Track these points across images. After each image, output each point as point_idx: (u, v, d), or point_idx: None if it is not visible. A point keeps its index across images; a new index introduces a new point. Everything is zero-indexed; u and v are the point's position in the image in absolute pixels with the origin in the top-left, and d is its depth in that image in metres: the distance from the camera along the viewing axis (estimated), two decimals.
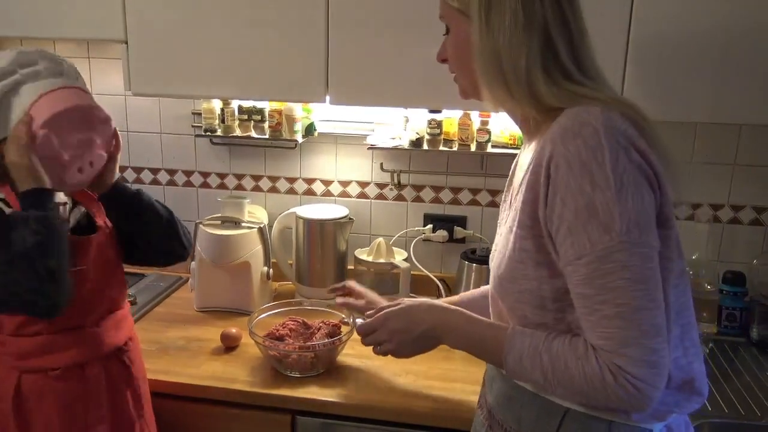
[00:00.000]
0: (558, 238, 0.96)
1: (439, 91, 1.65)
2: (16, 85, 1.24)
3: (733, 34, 1.49)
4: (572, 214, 0.93)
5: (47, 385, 1.34)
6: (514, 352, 1.02)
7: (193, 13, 1.69)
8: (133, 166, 2.29)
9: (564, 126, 0.95)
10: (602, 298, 0.92)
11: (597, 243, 0.91)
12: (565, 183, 0.93)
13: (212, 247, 1.97)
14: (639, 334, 0.92)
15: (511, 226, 1.04)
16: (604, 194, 0.91)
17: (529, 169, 1.00)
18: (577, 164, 0.92)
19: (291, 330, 1.71)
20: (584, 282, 0.93)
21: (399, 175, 2.13)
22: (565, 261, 0.96)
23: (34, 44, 2.09)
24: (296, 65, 1.68)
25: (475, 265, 1.98)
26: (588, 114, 0.94)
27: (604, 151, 0.91)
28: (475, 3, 1.01)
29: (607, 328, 0.92)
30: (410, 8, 1.60)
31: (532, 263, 1.01)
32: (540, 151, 0.98)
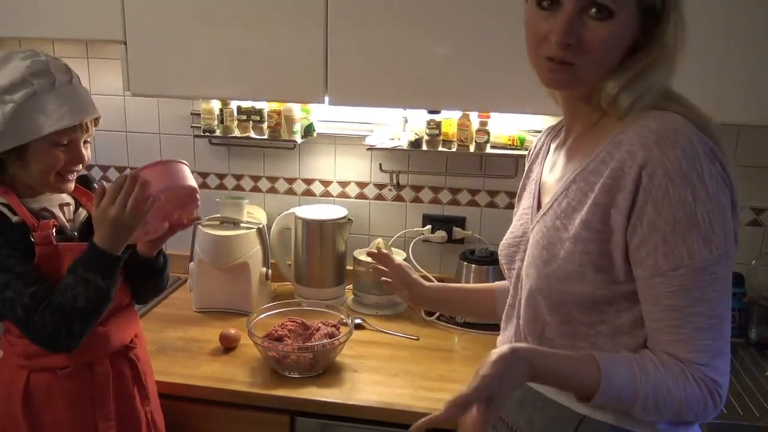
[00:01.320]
0: (644, 247, 0.93)
1: (438, 92, 1.66)
2: (33, 95, 1.25)
3: (733, 35, 1.49)
4: (670, 225, 0.90)
5: (56, 383, 1.35)
6: (613, 387, 0.92)
7: (191, 14, 1.69)
8: (132, 166, 2.28)
9: (656, 131, 0.92)
10: (696, 310, 0.91)
11: (696, 255, 0.90)
12: (663, 192, 0.90)
13: (211, 247, 1.97)
14: (723, 344, 0.93)
15: (565, 224, 1.00)
16: (705, 206, 0.89)
17: (603, 171, 0.96)
18: (678, 174, 0.89)
19: (290, 331, 1.71)
20: (678, 293, 0.92)
21: (398, 176, 2.13)
22: (653, 271, 0.93)
23: (33, 44, 2.09)
24: (295, 66, 1.68)
25: (474, 265, 1.98)
26: (674, 122, 0.92)
27: (702, 161, 0.90)
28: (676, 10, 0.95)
29: (701, 340, 0.92)
30: (410, 10, 1.60)
31: (592, 267, 0.97)
32: (624, 153, 0.94)
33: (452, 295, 1.40)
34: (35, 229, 1.30)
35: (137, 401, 1.45)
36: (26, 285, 1.26)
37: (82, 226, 1.41)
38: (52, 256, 1.30)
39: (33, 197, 1.36)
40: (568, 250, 0.99)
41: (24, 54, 1.29)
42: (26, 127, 1.25)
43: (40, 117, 1.25)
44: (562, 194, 1.03)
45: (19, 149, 1.27)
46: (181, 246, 2.23)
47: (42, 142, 1.27)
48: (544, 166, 1.15)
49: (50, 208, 1.37)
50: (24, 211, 1.30)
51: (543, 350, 0.99)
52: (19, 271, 1.26)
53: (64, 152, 1.30)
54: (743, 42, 1.49)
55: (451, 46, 1.61)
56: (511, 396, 1.08)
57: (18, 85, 1.25)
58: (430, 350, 1.82)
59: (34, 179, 1.32)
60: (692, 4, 1.46)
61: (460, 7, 1.58)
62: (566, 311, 1.03)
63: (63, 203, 1.40)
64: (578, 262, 0.98)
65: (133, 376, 1.45)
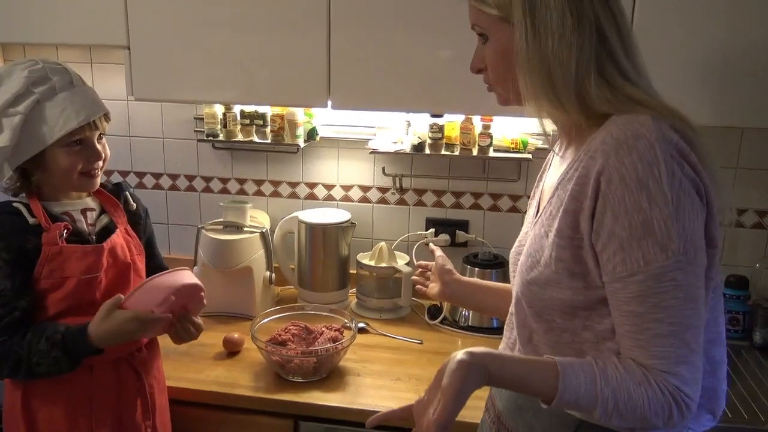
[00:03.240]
0: (605, 253, 0.93)
1: (440, 96, 1.66)
2: (36, 104, 1.28)
3: (736, 39, 1.49)
4: (626, 231, 0.90)
5: (55, 385, 1.35)
6: (570, 391, 0.92)
7: (194, 19, 1.69)
8: (136, 171, 2.29)
9: (617, 138, 0.91)
10: (655, 317, 0.90)
11: (652, 261, 0.89)
12: (619, 198, 0.90)
13: (214, 251, 1.97)
14: (689, 352, 0.91)
15: (547, 232, 1.01)
16: (662, 212, 0.88)
17: (573, 178, 0.96)
18: (633, 180, 0.89)
19: (293, 335, 1.71)
20: (636, 299, 0.91)
21: (401, 179, 2.13)
22: (612, 277, 0.93)
23: (37, 50, 2.10)
24: (298, 70, 1.68)
25: (478, 269, 1.98)
26: (640, 125, 0.91)
27: (660, 167, 0.89)
28: (518, 7, 0.96)
29: (661, 347, 0.91)
30: (412, 13, 1.60)
31: (567, 273, 0.98)
32: (588, 160, 0.95)
33: (480, 290, 1.42)
34: (47, 230, 1.32)
35: (138, 413, 1.44)
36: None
37: (101, 232, 1.42)
38: (56, 257, 1.32)
39: (57, 201, 1.38)
40: (546, 257, 1.01)
41: (23, 65, 1.31)
42: (37, 135, 1.29)
43: (47, 124, 1.29)
44: (548, 202, 1.04)
45: (37, 157, 1.31)
46: (185, 250, 2.24)
47: (56, 147, 1.31)
48: (548, 174, 1.15)
49: (72, 212, 1.39)
50: (40, 213, 1.33)
51: (500, 354, 0.98)
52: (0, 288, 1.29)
53: (80, 152, 1.34)
54: (745, 44, 1.49)
55: (454, 50, 1.60)
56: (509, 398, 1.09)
57: (21, 96, 1.27)
58: (434, 354, 1.82)
59: (60, 182, 1.36)
60: (693, 6, 1.48)
61: (462, 11, 1.56)
62: (549, 318, 1.03)
63: (87, 208, 1.42)
64: (554, 269, 0.99)
65: (137, 387, 1.44)
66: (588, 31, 0.94)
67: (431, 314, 2.02)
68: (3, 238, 1.30)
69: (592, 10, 0.94)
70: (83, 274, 1.34)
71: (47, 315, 1.34)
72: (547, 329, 1.04)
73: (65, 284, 1.33)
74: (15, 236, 1.30)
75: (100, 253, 1.37)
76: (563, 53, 0.94)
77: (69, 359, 1.29)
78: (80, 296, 1.35)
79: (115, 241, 1.41)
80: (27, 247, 1.31)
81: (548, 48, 0.94)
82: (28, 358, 1.27)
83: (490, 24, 1.01)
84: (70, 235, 1.34)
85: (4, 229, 1.31)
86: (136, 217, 1.52)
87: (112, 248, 1.39)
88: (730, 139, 1.93)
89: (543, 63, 0.95)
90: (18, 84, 1.28)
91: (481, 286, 1.45)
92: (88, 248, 1.35)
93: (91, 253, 1.35)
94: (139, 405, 1.45)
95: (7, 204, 1.34)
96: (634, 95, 0.96)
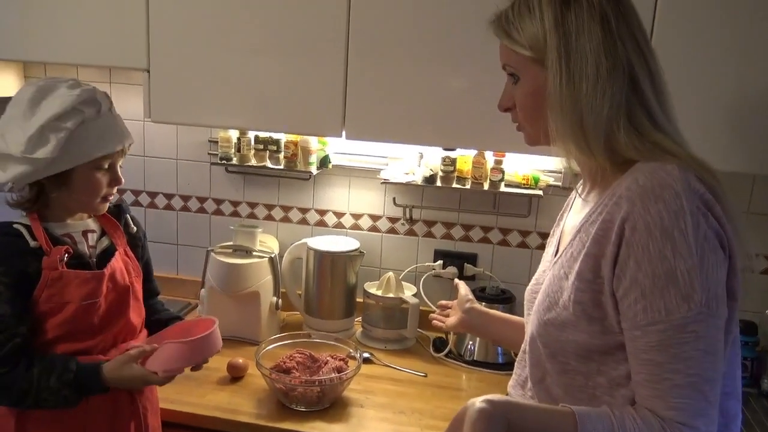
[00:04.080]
0: (626, 299, 0.93)
1: (454, 130, 1.67)
2: (82, 123, 1.30)
3: (748, 85, 1.50)
4: (649, 279, 0.90)
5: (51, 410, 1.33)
6: None
7: (214, 45, 1.72)
8: (148, 190, 2.31)
9: (643, 185, 0.92)
10: (674, 367, 0.90)
11: (674, 312, 0.89)
12: (643, 246, 0.90)
13: (222, 275, 1.97)
14: (707, 404, 0.90)
15: (567, 274, 1.01)
16: (686, 262, 0.88)
17: (597, 222, 0.97)
18: (658, 228, 0.89)
19: (298, 363, 1.70)
20: (656, 348, 0.91)
21: (411, 210, 2.14)
22: (632, 324, 0.93)
23: (58, 69, 2.14)
24: (314, 99, 1.70)
25: (485, 303, 1.96)
26: (666, 174, 0.91)
27: (686, 217, 0.89)
28: (552, 50, 0.96)
29: (680, 398, 0.90)
30: (429, 48, 1.62)
31: (585, 317, 0.98)
32: (613, 206, 0.95)
33: (497, 321, 1.44)
34: (48, 253, 1.31)
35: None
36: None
37: (102, 255, 1.42)
38: (56, 282, 1.31)
39: (60, 222, 1.38)
40: (565, 299, 1.00)
41: (69, 83, 1.33)
42: (76, 152, 1.30)
43: (89, 143, 1.31)
44: (569, 244, 1.04)
45: (63, 174, 1.31)
46: (193, 272, 2.25)
47: (86, 167, 1.33)
48: (569, 215, 1.16)
49: (73, 234, 1.39)
50: (42, 235, 1.32)
51: (519, 403, 0.99)
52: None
53: (105, 175, 1.36)
54: (757, 91, 1.49)
55: (469, 86, 1.62)
56: None
57: (70, 113, 1.29)
58: (438, 388, 1.81)
59: (78, 202, 1.37)
60: (706, 53, 1.49)
61: (478, 46, 1.59)
62: (564, 359, 1.03)
63: (87, 230, 1.42)
64: (572, 311, 0.99)
65: (131, 409, 1.43)
66: (621, 77, 0.95)
67: (436, 347, 2.01)
68: (3, 262, 1.28)
69: (626, 55, 0.95)
70: (83, 300, 1.33)
71: (45, 339, 1.32)
72: (561, 371, 1.04)
73: (64, 309, 1.32)
74: (16, 259, 1.29)
75: (100, 280, 1.36)
76: (596, 99, 0.94)
77: (78, 396, 1.30)
78: (79, 321, 1.34)
79: (115, 265, 1.41)
80: (28, 270, 1.29)
81: (582, 93, 0.94)
82: (36, 393, 1.27)
83: (523, 65, 1.01)
84: (70, 258, 1.34)
85: (5, 251, 1.30)
86: (135, 240, 1.52)
87: (111, 273, 1.39)
88: (741, 184, 1.93)
89: (575, 107, 0.95)
90: (69, 101, 1.29)
91: (500, 317, 1.45)
92: (88, 274, 1.35)
93: (92, 280, 1.35)
94: (133, 427, 1.43)
95: (8, 225, 1.33)
96: (661, 143, 0.96)
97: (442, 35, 1.61)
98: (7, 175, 1.29)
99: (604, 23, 0.94)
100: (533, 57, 0.99)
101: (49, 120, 1.27)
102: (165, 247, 2.32)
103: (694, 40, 1.50)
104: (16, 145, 1.27)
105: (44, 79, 1.34)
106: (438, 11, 1.60)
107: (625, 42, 0.95)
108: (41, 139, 1.26)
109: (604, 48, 0.94)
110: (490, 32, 1.05)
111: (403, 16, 1.62)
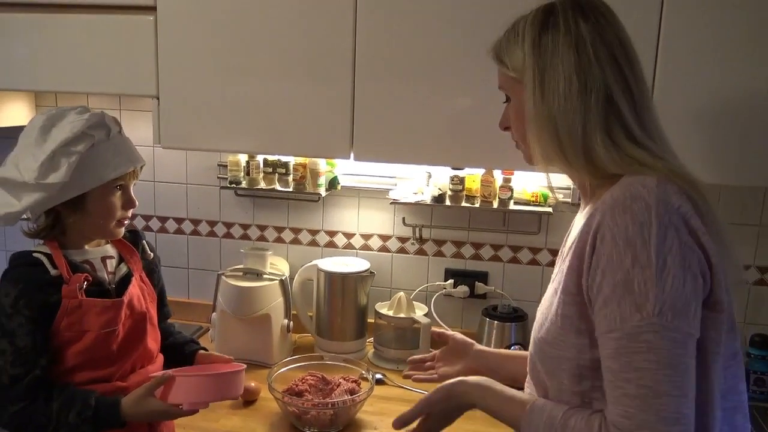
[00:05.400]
0: (594, 308, 0.95)
1: (462, 150, 1.68)
2: (92, 147, 1.32)
3: (758, 98, 1.50)
4: (609, 288, 0.92)
5: None
6: (532, 427, 1.01)
7: (222, 71, 1.74)
8: (158, 215, 2.32)
9: (615, 198, 0.94)
10: (626, 376, 0.90)
11: (627, 320, 0.90)
12: (607, 256, 0.92)
13: (233, 298, 1.98)
14: (657, 419, 0.88)
15: (556, 289, 1.04)
16: (644, 273, 0.89)
17: (578, 236, 0.99)
18: (622, 239, 0.91)
19: (310, 385, 1.70)
20: (612, 356, 0.92)
21: (421, 230, 2.14)
22: (598, 331, 0.95)
23: (69, 98, 2.16)
24: (322, 122, 1.71)
25: (497, 322, 1.97)
26: (642, 187, 0.93)
27: (651, 229, 0.90)
28: (529, 70, 1.02)
29: (628, 407, 0.90)
30: (435, 69, 1.63)
31: (573, 330, 0.99)
32: (590, 218, 0.98)
33: (510, 360, 1.38)
34: (67, 281, 1.31)
35: None
36: (14, 363, 1.26)
37: (120, 281, 1.42)
38: (76, 310, 1.31)
39: (78, 249, 1.38)
40: (552, 314, 1.03)
41: (77, 110, 1.35)
42: (89, 176, 1.31)
43: (100, 165, 1.32)
44: (563, 261, 1.07)
45: (77, 199, 1.32)
46: (204, 296, 2.25)
47: (99, 190, 1.33)
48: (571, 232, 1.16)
49: (92, 260, 1.39)
50: (63, 263, 1.32)
51: (486, 385, 1.11)
52: (19, 345, 1.26)
53: (119, 198, 1.37)
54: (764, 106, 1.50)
55: (475, 106, 1.63)
56: None
57: (80, 137, 1.30)
58: None
59: (93, 226, 1.37)
60: (716, 65, 1.49)
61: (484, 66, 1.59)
62: (558, 380, 1.04)
63: (106, 256, 1.42)
64: (560, 325, 1.01)
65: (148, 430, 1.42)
66: (595, 96, 0.98)
67: None
68: (25, 293, 1.28)
69: (602, 76, 0.99)
70: (102, 328, 1.33)
71: (64, 368, 1.32)
72: (558, 390, 1.05)
73: (83, 338, 1.32)
74: (37, 291, 1.28)
75: (119, 308, 1.36)
76: (569, 116, 0.99)
77: (95, 429, 1.28)
78: (98, 349, 1.33)
79: (132, 292, 1.40)
80: (49, 301, 1.29)
81: (553, 108, 1.00)
82: (56, 428, 1.26)
83: (510, 85, 1.09)
84: (90, 285, 1.33)
85: (27, 283, 1.29)
86: (151, 266, 1.52)
87: (129, 300, 1.39)
88: (753, 196, 1.92)
89: (550, 123, 1.00)
90: (79, 125, 1.30)
91: (514, 355, 1.41)
92: (107, 303, 1.34)
93: (111, 308, 1.34)
94: None
95: (28, 254, 1.33)
96: (638, 157, 0.98)
97: (448, 55, 1.62)
98: (22, 204, 1.29)
99: (579, 46, 0.99)
100: (516, 78, 1.05)
101: (59, 145, 1.28)
102: (176, 271, 2.33)
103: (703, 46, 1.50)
104: (29, 172, 1.27)
105: (54, 108, 1.36)
106: (443, 32, 1.61)
107: (602, 63, 0.99)
108: (53, 164, 1.27)
109: (576, 69, 0.99)
110: None
111: (408, 37, 1.63)
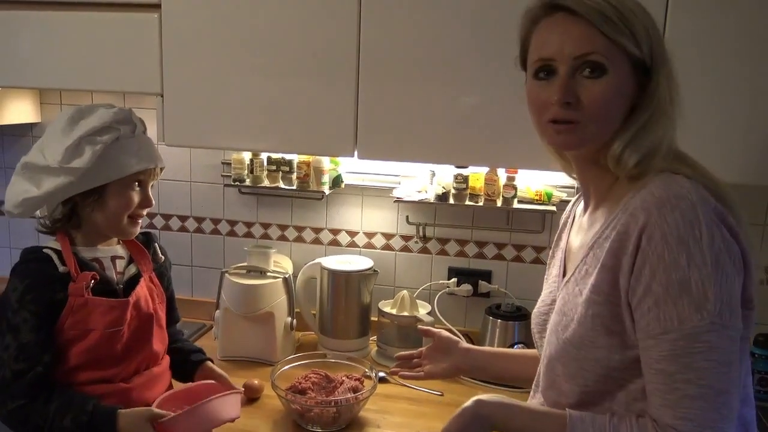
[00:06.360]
0: (640, 309, 0.93)
1: (466, 148, 1.68)
2: (117, 140, 1.34)
3: (763, 97, 1.49)
4: (662, 288, 0.90)
5: None
6: None
7: (226, 69, 1.74)
8: (162, 213, 2.32)
9: (659, 197, 0.92)
10: (686, 377, 0.89)
11: (686, 321, 0.89)
12: (658, 255, 0.90)
13: (237, 296, 1.98)
14: (718, 417, 0.89)
15: (581, 290, 1.01)
16: (701, 272, 0.88)
17: (612, 236, 0.97)
18: (674, 237, 0.89)
19: (313, 383, 1.70)
20: (667, 358, 0.91)
21: (424, 228, 2.14)
22: (645, 333, 0.93)
23: (73, 95, 2.16)
24: (326, 121, 1.71)
25: (500, 320, 1.97)
26: (680, 186, 0.93)
27: (702, 227, 0.89)
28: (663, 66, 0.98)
29: (689, 409, 0.89)
30: (439, 67, 1.63)
31: (604, 331, 0.98)
32: (628, 218, 0.95)
33: (501, 358, 1.39)
34: (74, 279, 1.31)
35: None
36: (18, 358, 1.26)
37: (129, 281, 1.42)
38: (81, 308, 1.31)
39: (89, 246, 1.39)
40: (580, 314, 1.00)
41: (107, 105, 1.38)
42: (112, 166, 1.32)
43: (125, 158, 1.34)
44: (582, 261, 1.04)
45: (96, 190, 1.33)
46: (208, 293, 2.26)
47: (120, 183, 1.34)
48: (571, 234, 1.15)
49: (102, 259, 1.40)
50: (72, 260, 1.33)
51: (510, 404, 1.04)
52: (24, 341, 1.27)
53: (137, 195, 1.38)
54: None
55: (479, 103, 1.63)
56: None
57: (107, 128, 1.33)
58: (455, 407, 1.74)
59: (108, 220, 1.37)
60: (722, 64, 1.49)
61: (489, 64, 1.60)
62: (582, 381, 1.02)
63: (116, 256, 1.43)
64: (590, 326, 0.99)
65: None
66: None
67: None
68: (32, 288, 1.29)
69: None
70: (107, 328, 1.33)
71: (68, 366, 1.32)
72: (579, 392, 1.03)
73: (88, 336, 1.32)
74: (44, 287, 1.29)
75: (125, 308, 1.36)
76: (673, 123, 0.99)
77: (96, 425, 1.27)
78: (102, 349, 1.33)
79: (140, 293, 1.40)
80: (55, 298, 1.29)
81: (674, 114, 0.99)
82: (50, 430, 1.25)
83: (620, 61, 0.96)
84: (97, 283, 1.34)
85: (35, 279, 1.30)
86: (162, 269, 1.53)
87: (136, 301, 1.39)
88: (758, 196, 1.91)
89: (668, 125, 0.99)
90: (106, 117, 1.33)
91: (503, 353, 1.42)
92: (113, 302, 1.34)
93: (117, 308, 1.35)
94: None
95: (38, 250, 1.33)
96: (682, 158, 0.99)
97: (452, 54, 1.62)
98: (42, 189, 1.30)
99: None
100: (640, 58, 0.96)
101: (87, 133, 1.30)
102: (179, 269, 2.33)
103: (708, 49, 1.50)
104: (54, 156, 1.29)
105: (84, 105, 1.38)
106: (447, 30, 1.61)
107: None
108: (78, 149, 1.29)
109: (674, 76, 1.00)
110: (500, 50, 1.07)
111: (412, 35, 1.63)
